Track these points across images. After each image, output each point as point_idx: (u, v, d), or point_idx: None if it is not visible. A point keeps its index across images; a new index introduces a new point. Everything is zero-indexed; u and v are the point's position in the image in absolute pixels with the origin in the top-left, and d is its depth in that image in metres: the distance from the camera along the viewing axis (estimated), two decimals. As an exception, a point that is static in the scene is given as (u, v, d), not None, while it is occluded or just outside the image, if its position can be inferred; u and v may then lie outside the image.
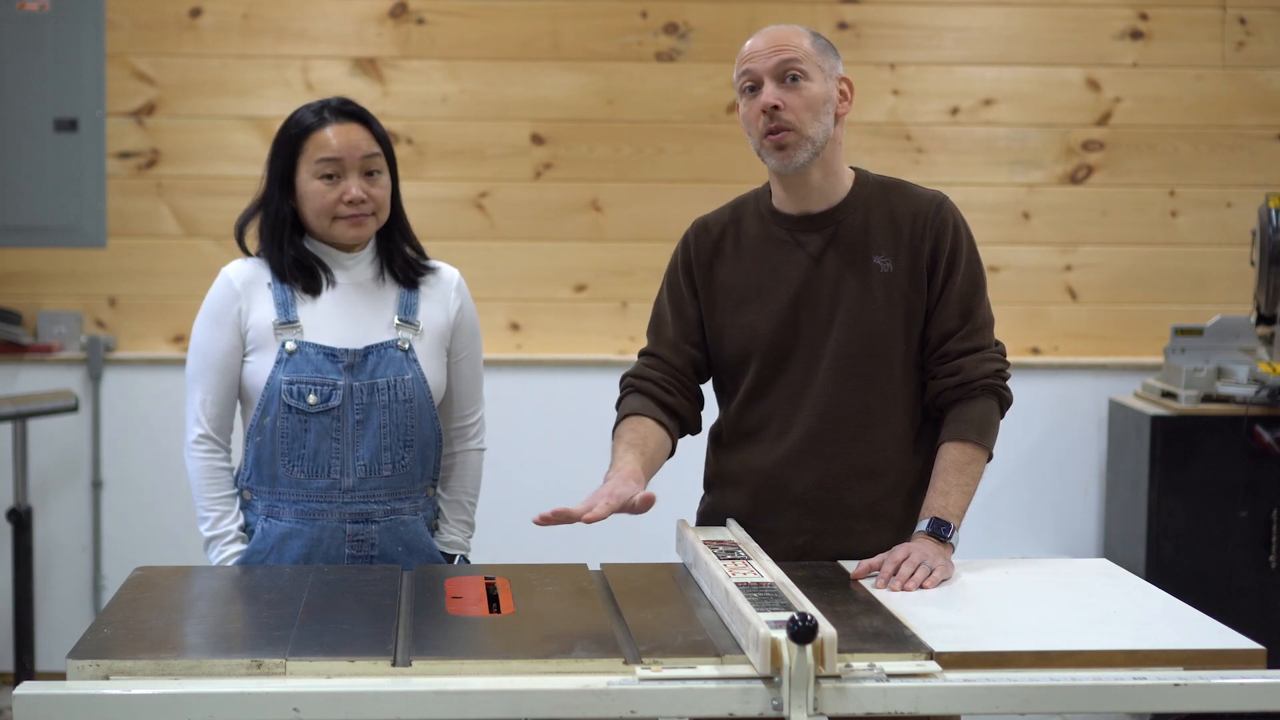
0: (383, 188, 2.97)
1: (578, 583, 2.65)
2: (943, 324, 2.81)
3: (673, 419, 2.89)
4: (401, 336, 2.97)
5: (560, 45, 5.19)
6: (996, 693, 2.18)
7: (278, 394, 2.90)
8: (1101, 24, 5.27)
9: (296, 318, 2.93)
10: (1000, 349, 2.86)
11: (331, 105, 2.98)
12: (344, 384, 2.91)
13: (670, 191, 5.23)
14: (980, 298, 2.85)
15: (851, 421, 2.81)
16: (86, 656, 2.19)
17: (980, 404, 2.80)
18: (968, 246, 2.84)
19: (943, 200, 2.85)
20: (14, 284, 5.17)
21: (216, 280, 2.99)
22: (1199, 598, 2.80)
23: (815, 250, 2.83)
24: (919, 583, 2.58)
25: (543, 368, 5.20)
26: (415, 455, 2.98)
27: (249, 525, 2.98)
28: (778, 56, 2.78)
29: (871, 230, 2.82)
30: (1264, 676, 2.23)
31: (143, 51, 5.13)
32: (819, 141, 2.77)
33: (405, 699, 2.12)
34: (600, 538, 5.19)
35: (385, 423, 2.94)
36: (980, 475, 2.80)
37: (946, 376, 2.80)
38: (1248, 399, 4.72)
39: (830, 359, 2.81)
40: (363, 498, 2.94)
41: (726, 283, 2.89)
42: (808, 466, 2.82)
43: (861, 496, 2.81)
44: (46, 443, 5.10)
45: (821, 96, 2.78)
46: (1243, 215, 5.24)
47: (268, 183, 2.99)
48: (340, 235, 2.94)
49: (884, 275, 2.81)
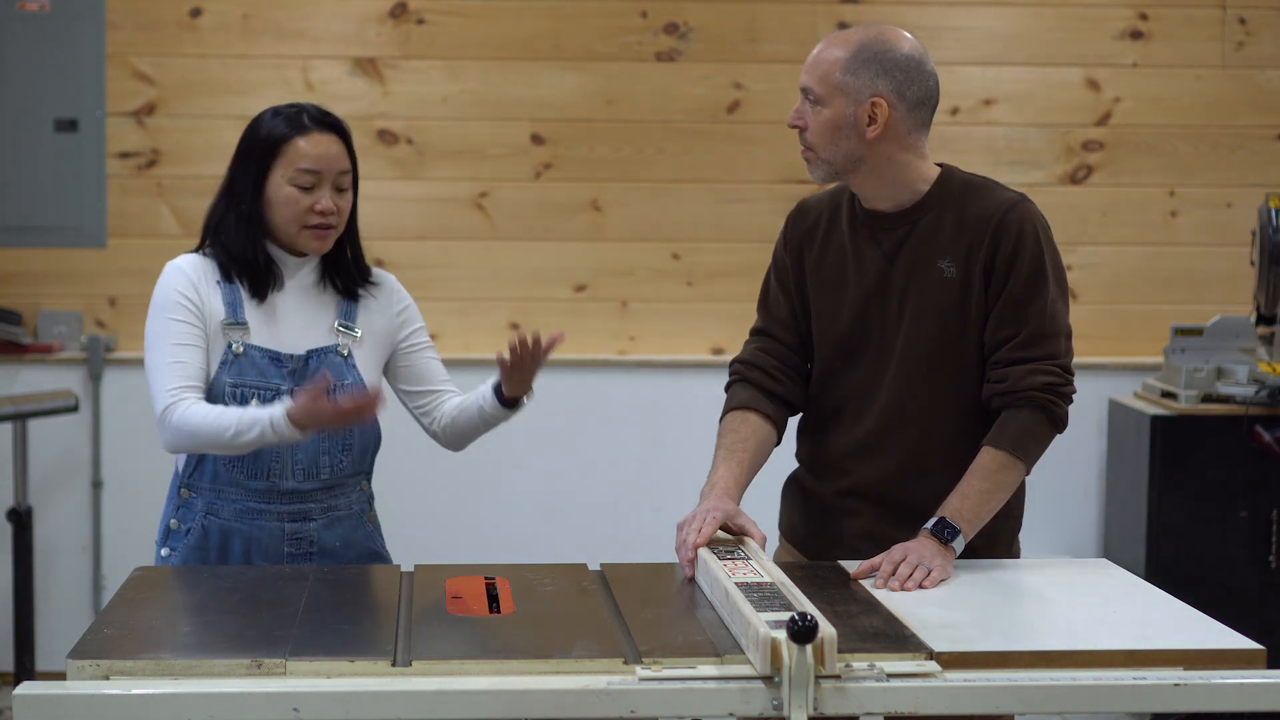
0: (347, 202, 2.98)
1: (578, 583, 2.65)
2: (997, 329, 2.78)
3: (780, 407, 2.93)
4: (341, 342, 2.98)
5: (560, 45, 5.19)
6: (996, 693, 2.18)
7: (221, 396, 2.88)
8: (1101, 24, 5.27)
9: (245, 319, 2.92)
10: (1063, 363, 2.78)
11: (311, 113, 2.96)
12: (286, 389, 2.90)
13: (670, 191, 5.23)
14: (1040, 305, 2.76)
15: (915, 421, 2.82)
16: (86, 656, 2.19)
17: (1024, 415, 2.75)
18: (1032, 252, 2.76)
19: (1016, 203, 2.79)
20: (14, 284, 5.17)
21: (166, 273, 2.94)
22: (1199, 598, 2.80)
23: (890, 249, 2.83)
24: (917, 583, 2.58)
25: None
26: (353, 457, 3.00)
27: (187, 527, 2.98)
28: (803, 79, 2.81)
29: (943, 232, 2.80)
30: (1264, 676, 2.23)
31: (143, 51, 5.13)
32: (839, 163, 2.79)
33: (405, 699, 2.12)
34: (600, 538, 5.21)
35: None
36: (1012, 486, 2.76)
37: (995, 383, 2.78)
38: (1248, 399, 4.72)
39: (898, 359, 2.82)
40: (300, 498, 2.95)
41: (814, 268, 2.91)
42: (871, 461, 2.85)
43: (920, 493, 2.81)
44: (46, 443, 5.10)
45: (836, 122, 2.77)
46: (1243, 215, 5.24)
47: (238, 180, 2.96)
48: (305, 244, 2.94)
49: (946, 279, 2.79)
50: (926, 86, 2.82)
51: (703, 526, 2.66)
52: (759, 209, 5.19)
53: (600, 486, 5.19)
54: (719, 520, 2.69)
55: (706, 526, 2.66)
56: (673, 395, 5.13)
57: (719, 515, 2.69)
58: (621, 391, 5.20)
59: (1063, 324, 2.81)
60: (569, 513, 5.18)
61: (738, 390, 2.95)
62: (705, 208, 5.24)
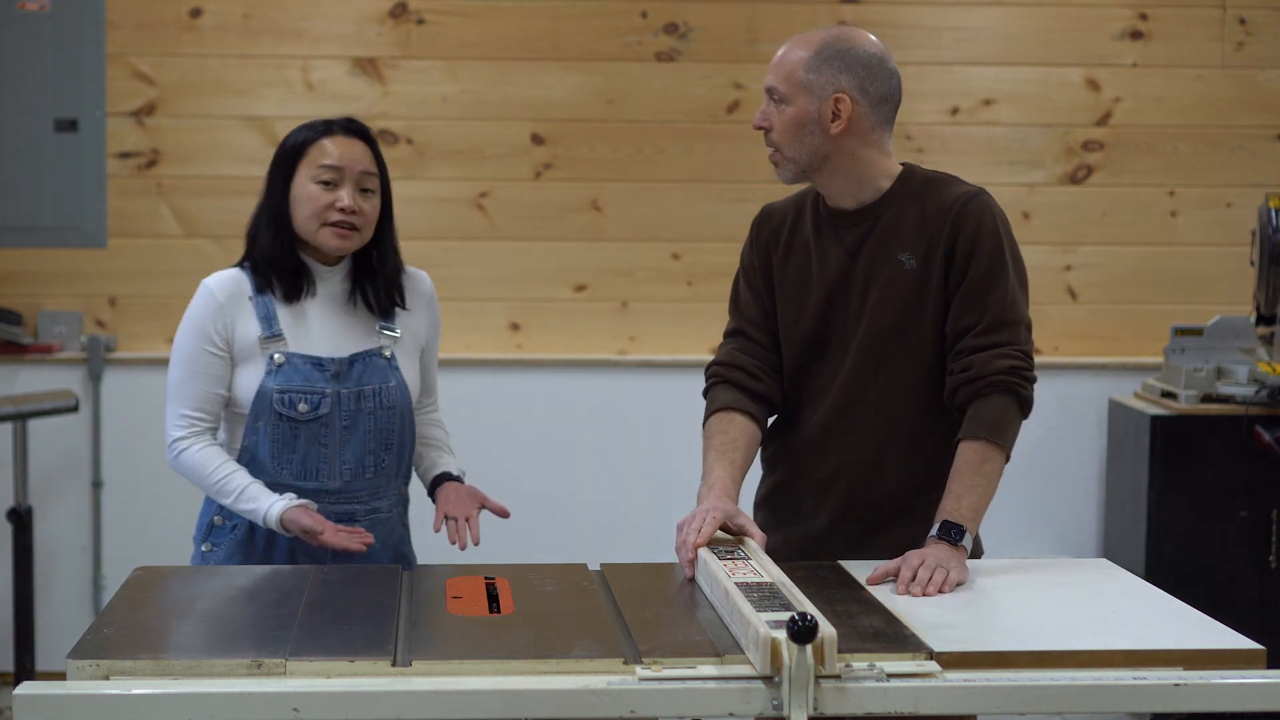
0: (373, 206, 3.03)
1: (578, 583, 2.65)
2: (959, 318, 2.80)
3: (762, 406, 2.94)
4: (384, 344, 3.05)
5: (560, 45, 5.19)
6: (996, 693, 2.18)
7: (269, 403, 2.97)
8: (1101, 24, 5.27)
9: (281, 331, 3.00)
10: (1024, 349, 2.80)
11: (339, 122, 3.05)
12: (332, 391, 2.99)
13: (670, 191, 5.23)
14: (1000, 293, 2.79)
15: (870, 415, 2.85)
16: (86, 656, 2.19)
17: (995, 401, 2.76)
18: (991, 241, 2.79)
19: (974, 195, 2.83)
20: (14, 284, 5.17)
21: (198, 293, 3.03)
22: (1199, 598, 2.80)
23: (852, 246, 2.86)
24: (937, 586, 2.58)
25: (543, 368, 5.20)
26: (394, 457, 3.08)
27: (233, 523, 3.04)
28: (767, 79, 2.85)
29: (904, 227, 2.83)
30: (1264, 676, 2.23)
31: (143, 51, 5.13)
32: (802, 161, 2.83)
33: (405, 699, 2.12)
34: (600, 538, 5.21)
35: (370, 428, 3.03)
36: (997, 474, 2.77)
37: (960, 372, 2.79)
38: (1248, 399, 4.72)
39: (854, 352, 2.85)
40: (346, 499, 3.04)
41: (781, 270, 2.94)
42: (824, 456, 2.89)
43: (874, 488, 2.85)
44: (46, 443, 5.10)
45: (800, 119, 2.81)
46: (1243, 215, 5.24)
47: (269, 184, 3.05)
48: (326, 241, 2.99)
49: (906, 272, 2.82)
50: (889, 84, 2.84)
51: (702, 526, 2.66)
52: (759, 209, 5.18)
53: (600, 486, 5.19)
54: (719, 520, 2.69)
55: (706, 526, 2.66)
56: (673, 395, 5.13)
57: (719, 515, 2.69)
58: (621, 391, 5.20)
59: (1022, 314, 2.82)
60: (569, 513, 5.18)
61: (720, 392, 2.96)
62: (705, 208, 5.24)
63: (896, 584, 2.61)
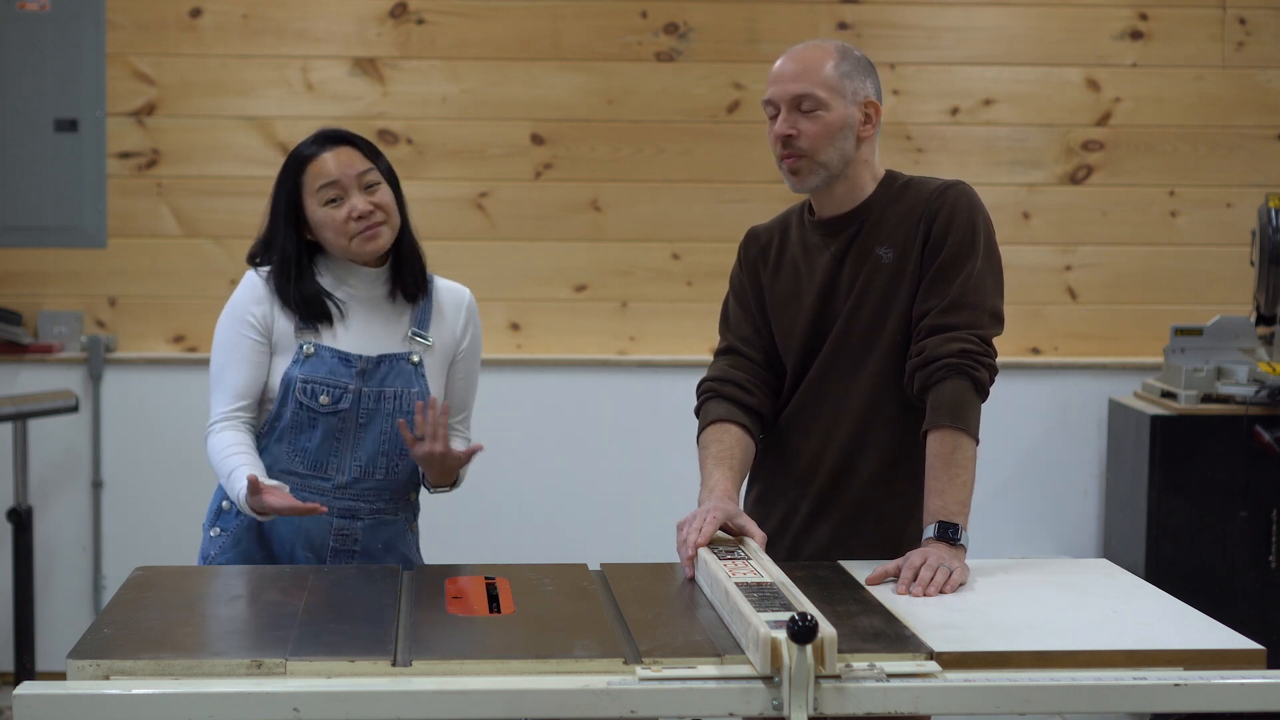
0: (385, 196, 3.05)
1: (578, 583, 2.65)
2: (924, 300, 2.81)
3: (755, 419, 2.94)
4: (414, 350, 3.06)
5: (560, 45, 5.19)
6: (996, 693, 2.18)
7: (292, 391, 3.00)
8: (1101, 24, 5.27)
9: (316, 325, 3.04)
10: (983, 334, 2.77)
11: (323, 133, 3.07)
12: (354, 388, 3.01)
13: (670, 191, 5.23)
14: (964, 275, 2.77)
15: (850, 412, 2.86)
16: (86, 656, 2.19)
17: (949, 386, 2.73)
18: (964, 225, 2.80)
19: (952, 184, 2.85)
20: (14, 284, 5.17)
21: (244, 281, 3.07)
22: (1199, 598, 2.80)
23: (839, 251, 2.88)
24: (939, 587, 2.57)
25: (543, 368, 5.20)
26: (407, 464, 3.07)
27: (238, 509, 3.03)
28: (795, 87, 2.81)
29: (886, 224, 2.85)
30: (1264, 676, 2.23)
31: (143, 51, 5.13)
32: (835, 166, 2.83)
33: (405, 699, 2.12)
34: (600, 538, 5.21)
35: (386, 430, 3.04)
36: (972, 461, 2.73)
37: (914, 358, 2.79)
38: (1248, 399, 4.72)
39: (835, 347, 2.86)
40: (353, 496, 3.04)
41: (772, 288, 2.95)
42: (801, 451, 2.91)
43: (847, 481, 2.87)
44: (46, 443, 5.10)
45: (839, 123, 2.81)
46: (1243, 215, 5.24)
47: (272, 219, 3.07)
48: (359, 251, 3.02)
49: (884, 265, 2.84)
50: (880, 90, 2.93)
51: (703, 526, 2.66)
52: (759, 209, 5.18)
53: (600, 486, 5.19)
54: (719, 520, 2.69)
55: (707, 526, 2.66)
56: (673, 395, 5.12)
57: (719, 515, 2.69)
58: (621, 391, 5.20)
59: (986, 300, 2.79)
60: (569, 513, 5.18)
61: (713, 405, 2.95)
62: (705, 208, 5.24)
63: (897, 584, 2.61)
